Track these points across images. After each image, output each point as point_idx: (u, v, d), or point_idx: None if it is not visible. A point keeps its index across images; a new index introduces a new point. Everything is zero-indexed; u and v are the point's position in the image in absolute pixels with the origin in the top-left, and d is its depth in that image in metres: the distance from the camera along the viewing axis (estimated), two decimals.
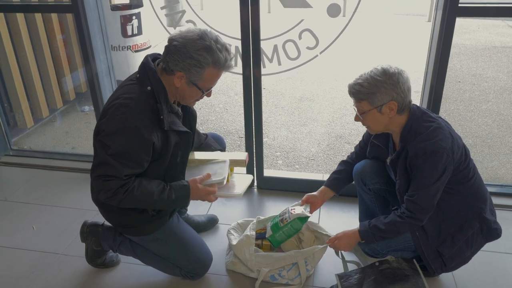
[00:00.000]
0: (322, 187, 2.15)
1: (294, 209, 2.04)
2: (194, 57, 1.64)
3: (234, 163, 2.00)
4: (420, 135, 1.74)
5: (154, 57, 1.79)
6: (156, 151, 1.74)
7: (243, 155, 2.03)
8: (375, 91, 1.72)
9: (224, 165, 1.95)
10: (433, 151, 1.69)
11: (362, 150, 2.13)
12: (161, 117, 1.70)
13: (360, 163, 2.11)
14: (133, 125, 1.64)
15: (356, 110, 1.83)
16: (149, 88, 1.70)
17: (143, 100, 1.68)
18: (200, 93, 1.76)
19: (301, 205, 2.09)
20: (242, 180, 2.04)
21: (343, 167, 2.16)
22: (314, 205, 2.11)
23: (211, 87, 1.79)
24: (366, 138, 2.11)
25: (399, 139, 1.83)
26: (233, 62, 1.75)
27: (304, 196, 2.12)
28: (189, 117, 1.98)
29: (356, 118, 1.86)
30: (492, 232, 1.89)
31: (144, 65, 1.74)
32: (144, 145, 1.69)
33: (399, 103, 1.74)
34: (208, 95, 1.81)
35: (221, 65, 1.70)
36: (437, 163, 1.70)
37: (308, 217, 2.01)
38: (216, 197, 1.90)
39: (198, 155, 2.03)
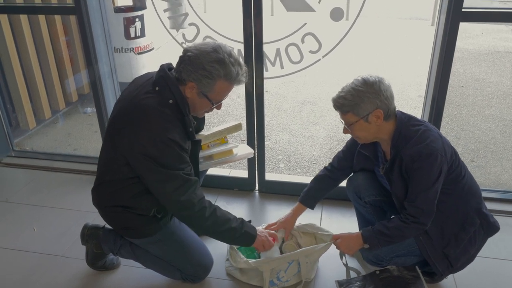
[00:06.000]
0: (298, 204, 2.15)
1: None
2: (206, 68, 1.66)
3: (233, 129, 2.19)
4: (411, 139, 1.75)
5: (168, 68, 1.79)
6: None
7: (236, 121, 2.23)
8: (359, 101, 1.73)
9: (227, 145, 2.19)
10: (427, 154, 1.70)
11: (346, 156, 2.10)
12: (190, 129, 1.76)
13: (352, 178, 2.11)
14: (174, 141, 1.68)
15: (343, 122, 1.84)
16: (171, 101, 1.71)
17: (173, 114, 1.71)
18: (210, 105, 1.78)
19: (276, 230, 2.08)
20: (242, 146, 2.30)
21: (317, 185, 2.15)
22: (287, 229, 2.12)
23: (222, 100, 1.81)
24: (350, 145, 2.08)
25: (390, 146, 1.83)
26: (244, 77, 1.77)
27: (277, 223, 2.12)
28: (198, 122, 2.02)
29: (345, 131, 1.86)
30: (492, 226, 1.90)
31: (164, 78, 1.73)
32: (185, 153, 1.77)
33: (384, 110, 1.75)
34: (218, 107, 1.83)
35: (233, 79, 1.72)
36: (432, 165, 1.71)
37: None
38: (236, 160, 2.22)
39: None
